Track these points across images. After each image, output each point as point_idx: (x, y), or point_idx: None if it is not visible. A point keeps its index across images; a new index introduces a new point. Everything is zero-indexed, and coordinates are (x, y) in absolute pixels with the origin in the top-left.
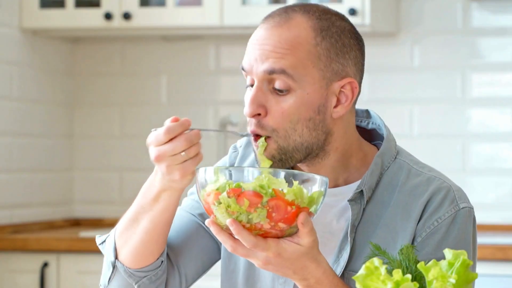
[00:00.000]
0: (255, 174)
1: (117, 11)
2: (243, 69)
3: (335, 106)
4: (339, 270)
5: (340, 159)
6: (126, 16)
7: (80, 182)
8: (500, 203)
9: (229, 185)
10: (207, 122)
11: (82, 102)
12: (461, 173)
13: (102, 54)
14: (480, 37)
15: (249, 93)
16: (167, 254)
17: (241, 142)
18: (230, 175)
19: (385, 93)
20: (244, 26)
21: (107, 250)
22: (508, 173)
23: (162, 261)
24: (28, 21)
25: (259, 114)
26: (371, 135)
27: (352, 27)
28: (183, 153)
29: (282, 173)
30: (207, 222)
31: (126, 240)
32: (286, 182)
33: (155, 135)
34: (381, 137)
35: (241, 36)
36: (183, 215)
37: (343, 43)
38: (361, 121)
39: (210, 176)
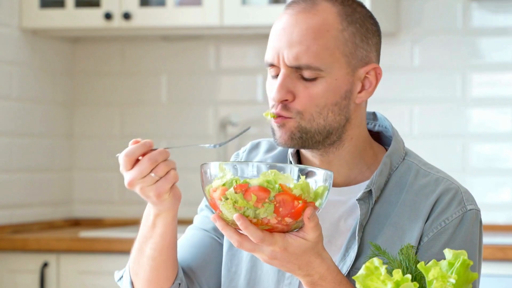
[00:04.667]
0: (260, 168)
1: (117, 11)
2: (267, 64)
3: (359, 92)
4: (345, 268)
5: (353, 152)
6: (126, 16)
7: (80, 182)
8: (500, 203)
9: (236, 181)
10: (207, 122)
11: (82, 102)
12: (461, 173)
13: (102, 54)
14: (480, 37)
15: (275, 81)
16: (188, 276)
17: (244, 148)
18: (235, 170)
19: (385, 93)
20: (244, 26)
21: (124, 286)
22: (508, 173)
23: (179, 284)
24: (28, 21)
25: (286, 100)
26: (377, 138)
27: (371, 13)
28: (152, 174)
29: (287, 167)
30: (212, 217)
31: (137, 272)
32: (292, 177)
33: (120, 161)
34: (387, 140)
35: (241, 36)
36: (195, 233)
37: (366, 28)
38: (367, 123)
39: (215, 172)
